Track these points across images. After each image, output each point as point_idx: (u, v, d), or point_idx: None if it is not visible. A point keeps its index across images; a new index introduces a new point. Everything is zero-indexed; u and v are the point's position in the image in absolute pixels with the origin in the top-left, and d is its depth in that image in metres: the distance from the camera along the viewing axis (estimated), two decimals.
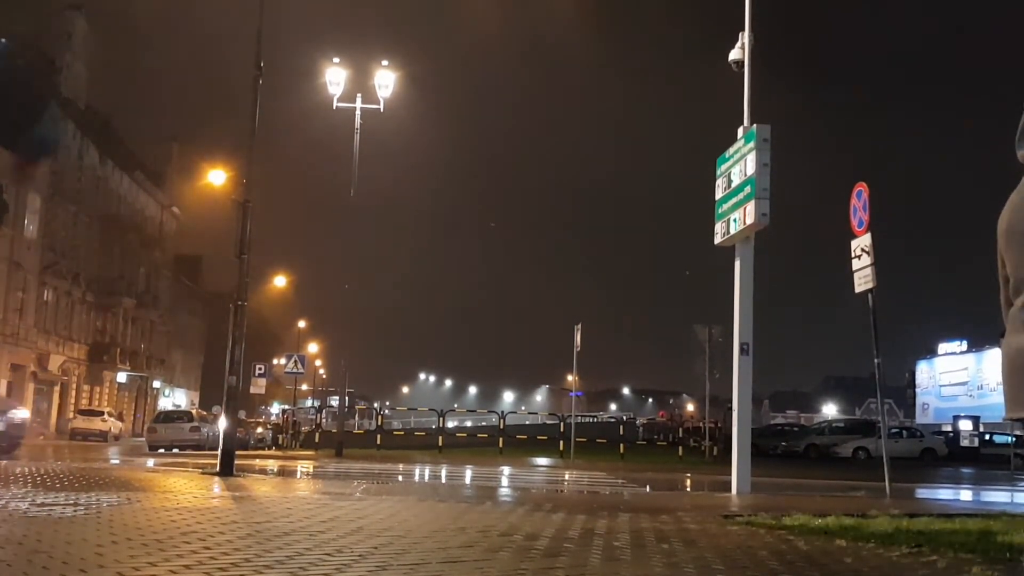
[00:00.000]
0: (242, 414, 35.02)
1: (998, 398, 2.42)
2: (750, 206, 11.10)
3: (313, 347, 70.17)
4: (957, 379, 61.55)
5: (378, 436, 28.08)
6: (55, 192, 45.27)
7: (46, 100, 39.71)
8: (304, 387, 69.40)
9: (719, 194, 12.10)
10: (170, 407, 52.23)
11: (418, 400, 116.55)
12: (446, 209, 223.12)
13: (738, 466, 11.14)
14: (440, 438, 27.10)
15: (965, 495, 15.58)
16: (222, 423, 11.46)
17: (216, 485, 8.75)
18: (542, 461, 22.10)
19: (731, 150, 11.90)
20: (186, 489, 8.22)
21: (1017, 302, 2.36)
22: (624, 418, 43.97)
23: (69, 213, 47.42)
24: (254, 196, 11.59)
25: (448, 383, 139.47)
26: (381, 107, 23.21)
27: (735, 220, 11.50)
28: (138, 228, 56.91)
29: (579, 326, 23.07)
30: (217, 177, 29.58)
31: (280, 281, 56.18)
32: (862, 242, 11.09)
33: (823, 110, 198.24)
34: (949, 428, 43.00)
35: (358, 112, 23.21)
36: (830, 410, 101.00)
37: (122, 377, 55.46)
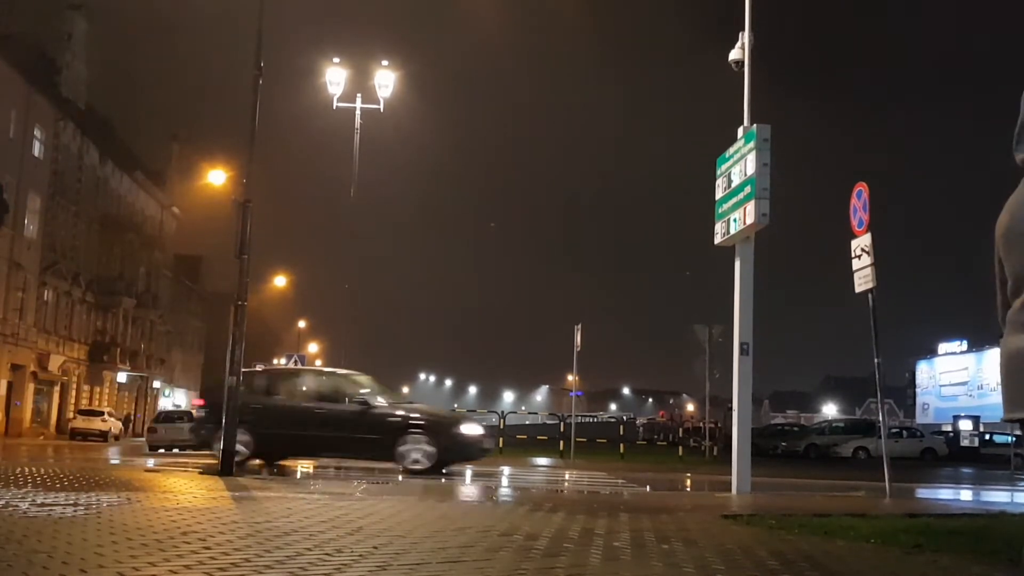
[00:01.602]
0: None
1: (998, 398, 2.42)
2: (750, 206, 11.10)
3: (313, 347, 70.10)
4: (957, 379, 61.56)
5: None
6: (55, 192, 45.30)
7: None
8: None
9: (719, 194, 12.10)
10: (170, 407, 52.21)
11: (418, 400, 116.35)
12: (446, 208, 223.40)
13: (738, 466, 11.14)
14: None
15: (965, 495, 15.57)
16: (223, 423, 11.44)
17: (216, 485, 8.74)
18: (542, 461, 22.10)
19: (731, 150, 11.90)
20: (186, 489, 8.22)
21: (1016, 303, 2.36)
22: (624, 418, 43.83)
23: (69, 213, 47.44)
24: (254, 196, 11.55)
25: (448, 383, 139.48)
26: (381, 107, 23.23)
27: (735, 220, 11.51)
28: (138, 228, 56.93)
29: (579, 326, 23.09)
30: (217, 177, 29.68)
31: (280, 281, 56.12)
32: (862, 242, 11.08)
33: (823, 110, 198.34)
34: (949, 428, 43.04)
35: (358, 112, 23.24)
36: (830, 410, 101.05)
37: (122, 377, 55.50)
